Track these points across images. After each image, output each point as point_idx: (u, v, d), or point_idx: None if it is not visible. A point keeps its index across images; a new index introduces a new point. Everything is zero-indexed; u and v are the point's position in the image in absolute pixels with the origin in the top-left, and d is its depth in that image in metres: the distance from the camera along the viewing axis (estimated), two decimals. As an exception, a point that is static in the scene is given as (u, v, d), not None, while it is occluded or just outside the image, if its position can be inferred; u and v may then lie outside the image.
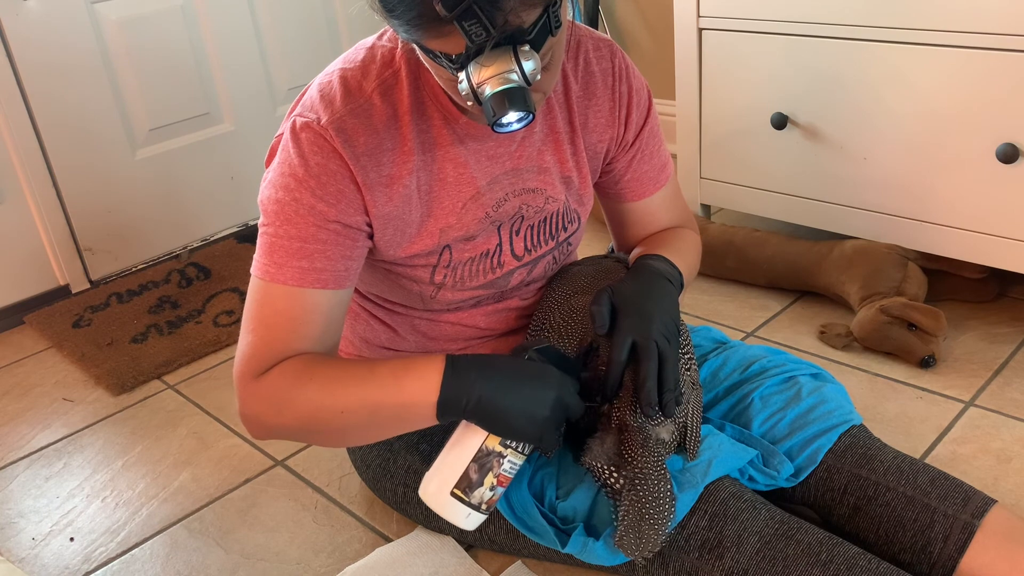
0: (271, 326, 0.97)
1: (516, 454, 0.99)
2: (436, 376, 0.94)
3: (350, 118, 0.97)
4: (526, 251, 1.11)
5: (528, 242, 1.11)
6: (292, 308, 0.97)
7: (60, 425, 1.62)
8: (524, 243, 1.11)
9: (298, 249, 0.97)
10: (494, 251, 1.09)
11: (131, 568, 1.26)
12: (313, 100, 0.99)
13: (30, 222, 2.00)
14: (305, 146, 0.96)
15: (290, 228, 0.97)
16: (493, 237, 1.08)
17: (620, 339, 1.01)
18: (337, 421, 0.96)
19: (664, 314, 1.03)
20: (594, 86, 1.10)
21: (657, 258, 1.11)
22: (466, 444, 0.99)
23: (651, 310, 1.03)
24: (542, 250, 1.13)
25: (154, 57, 2.11)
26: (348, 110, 0.97)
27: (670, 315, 1.04)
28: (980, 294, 1.65)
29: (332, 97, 0.98)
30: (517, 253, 1.11)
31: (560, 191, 1.12)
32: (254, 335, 0.98)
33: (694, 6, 1.78)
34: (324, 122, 0.96)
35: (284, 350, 0.97)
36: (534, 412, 0.94)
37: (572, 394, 0.97)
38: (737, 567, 0.95)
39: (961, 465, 1.27)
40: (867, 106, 1.60)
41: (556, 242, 1.14)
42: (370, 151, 0.97)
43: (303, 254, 0.97)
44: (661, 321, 1.02)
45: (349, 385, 0.95)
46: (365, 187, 0.98)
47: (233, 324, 1.87)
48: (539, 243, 1.12)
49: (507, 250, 1.10)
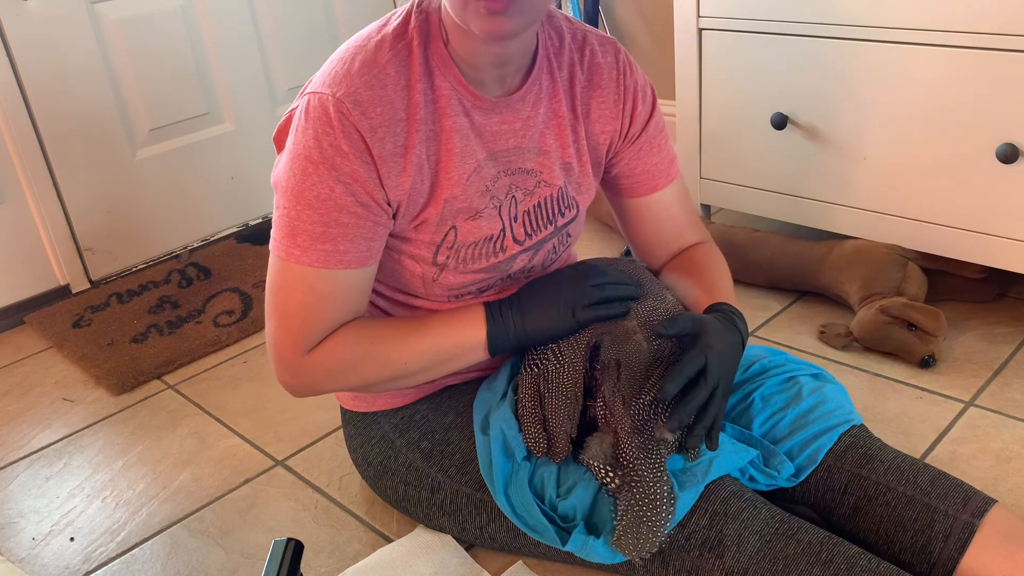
0: (305, 305, 1.02)
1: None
2: (480, 321, 1.07)
3: (365, 90, 0.98)
4: (527, 235, 1.12)
5: (527, 227, 1.12)
6: (323, 287, 1.02)
7: (60, 425, 1.62)
8: (524, 228, 1.12)
9: (321, 233, 1.00)
10: (498, 236, 1.10)
11: (131, 568, 1.26)
12: (328, 74, 1.00)
13: (30, 222, 2.00)
14: (321, 125, 0.97)
15: (311, 213, 0.99)
16: (496, 222, 1.09)
17: (696, 356, 1.00)
18: (402, 369, 1.07)
19: (732, 373, 1.05)
20: (599, 77, 1.12)
21: (741, 318, 1.10)
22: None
23: (731, 357, 1.04)
24: (542, 234, 1.14)
25: (154, 57, 2.11)
26: (363, 82, 0.98)
27: (733, 377, 1.06)
28: (980, 294, 1.65)
29: (348, 70, 0.99)
30: (518, 238, 1.12)
31: (557, 176, 1.12)
32: (292, 317, 1.03)
33: (694, 6, 1.78)
34: (340, 95, 0.97)
35: (325, 325, 1.04)
36: (554, 311, 1.06)
37: (586, 289, 1.07)
38: (737, 566, 0.95)
39: (961, 465, 1.27)
40: (867, 106, 1.60)
41: (555, 227, 1.15)
42: (386, 122, 0.99)
43: (327, 238, 1.00)
44: (731, 374, 1.04)
45: (408, 338, 1.06)
46: (380, 160, 0.99)
47: (233, 324, 1.87)
48: (538, 227, 1.13)
49: (509, 235, 1.11)
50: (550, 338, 1.08)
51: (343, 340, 1.05)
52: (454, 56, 1.02)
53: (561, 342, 1.08)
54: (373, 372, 1.07)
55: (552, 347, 1.08)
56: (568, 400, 1.06)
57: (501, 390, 1.13)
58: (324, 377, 1.07)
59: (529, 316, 1.07)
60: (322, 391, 1.10)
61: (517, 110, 1.07)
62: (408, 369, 1.08)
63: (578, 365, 1.06)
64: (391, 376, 1.09)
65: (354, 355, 1.06)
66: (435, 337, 1.07)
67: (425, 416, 1.18)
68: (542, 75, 1.08)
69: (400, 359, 1.07)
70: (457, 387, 1.20)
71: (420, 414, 1.18)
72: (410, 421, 1.19)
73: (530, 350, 1.10)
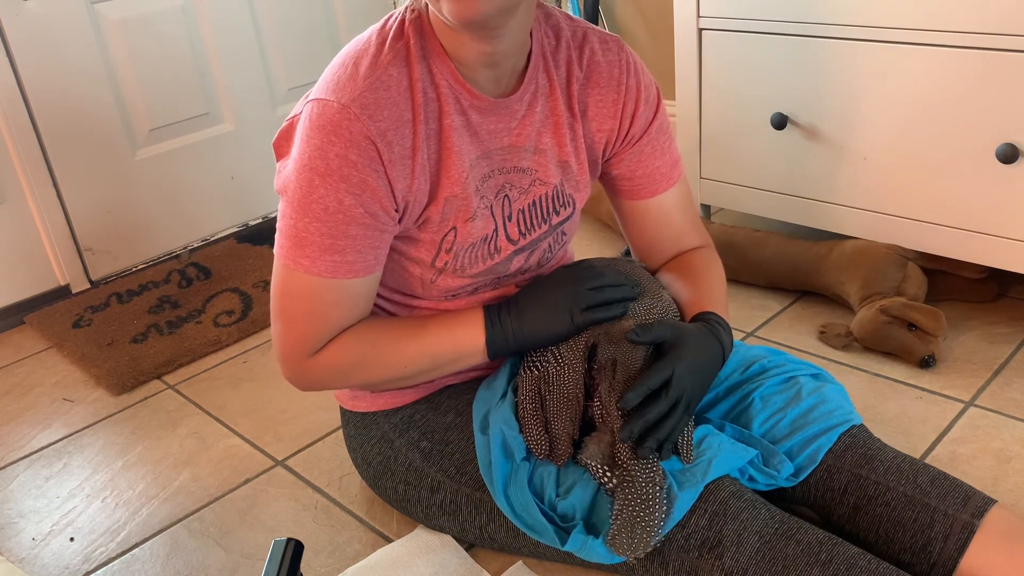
0: (311, 312, 1.04)
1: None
2: (479, 325, 1.08)
3: (371, 93, 0.97)
4: (520, 235, 1.12)
5: (521, 225, 1.12)
6: (330, 296, 1.03)
7: (60, 425, 1.62)
8: (518, 227, 1.12)
9: (329, 245, 1.00)
10: (491, 236, 1.10)
11: (131, 568, 1.26)
12: (331, 80, 0.99)
13: (30, 222, 2.00)
14: (326, 134, 0.97)
15: (319, 225, 0.99)
16: (490, 222, 1.09)
17: (663, 368, 1.01)
18: (402, 372, 1.09)
19: (705, 387, 1.06)
20: (598, 76, 1.11)
21: (726, 329, 1.11)
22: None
23: (704, 370, 1.05)
24: (537, 233, 1.14)
25: (154, 57, 2.11)
26: (367, 85, 0.97)
27: (706, 390, 1.07)
28: (980, 294, 1.65)
29: (351, 75, 0.98)
30: (512, 237, 1.12)
31: (552, 175, 1.12)
32: (297, 322, 1.05)
33: (694, 6, 1.78)
34: (346, 101, 0.96)
35: (331, 330, 1.06)
36: (552, 315, 1.07)
37: (583, 292, 1.08)
38: (737, 566, 0.95)
39: (961, 465, 1.27)
40: (867, 106, 1.60)
41: (549, 225, 1.15)
42: (394, 125, 0.98)
43: (335, 249, 1.00)
44: (702, 387, 1.05)
45: (409, 342, 1.08)
46: (390, 164, 0.99)
47: (233, 324, 1.87)
48: (532, 226, 1.13)
49: (502, 235, 1.10)
50: (549, 342, 1.08)
51: (345, 344, 1.07)
52: (448, 54, 1.01)
53: (560, 344, 1.08)
54: (375, 374, 1.09)
55: (552, 349, 1.08)
56: (569, 402, 1.06)
57: (501, 390, 1.13)
58: (327, 377, 1.09)
59: (528, 320, 1.07)
60: (327, 389, 1.13)
61: (514, 111, 1.07)
62: (408, 372, 1.10)
63: (578, 367, 1.06)
64: (392, 377, 1.10)
65: (356, 358, 1.07)
66: (434, 342, 1.08)
67: (425, 416, 1.18)
68: (538, 74, 1.08)
69: (400, 363, 1.08)
70: (456, 387, 1.20)
71: (420, 414, 1.19)
72: (410, 421, 1.19)
73: (529, 352, 1.10)
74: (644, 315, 1.09)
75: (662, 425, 1.00)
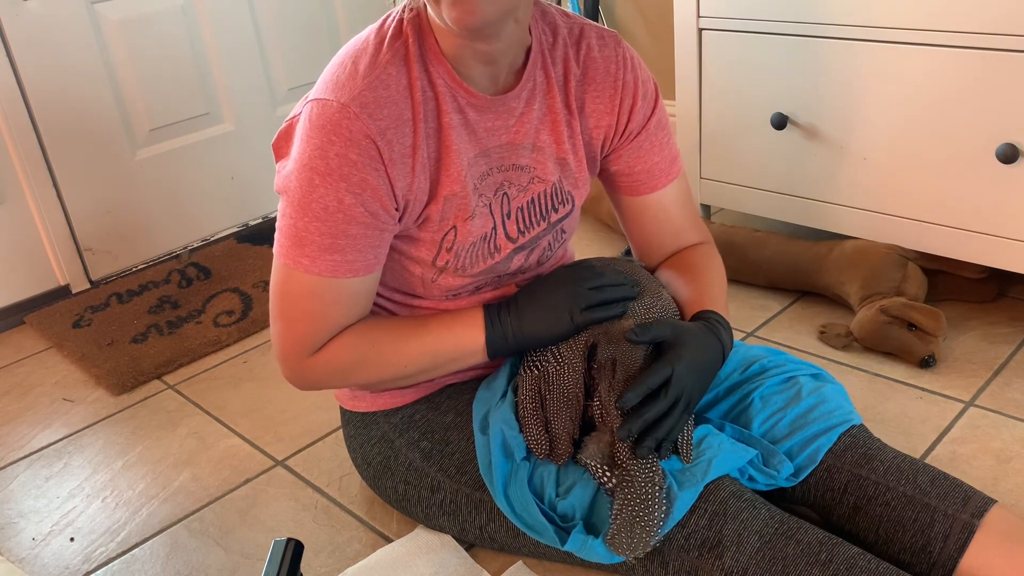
0: (311, 312, 1.04)
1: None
2: (479, 325, 1.08)
3: (370, 92, 0.97)
4: (519, 232, 1.12)
5: (520, 223, 1.12)
6: (329, 295, 1.03)
7: (60, 425, 1.62)
8: (517, 225, 1.12)
9: (329, 245, 1.00)
10: (490, 234, 1.10)
11: (131, 568, 1.26)
12: (330, 80, 0.99)
13: (30, 222, 2.00)
14: (326, 134, 0.97)
15: (319, 225, 0.99)
16: (488, 220, 1.09)
17: (663, 367, 1.01)
18: (402, 371, 1.10)
19: (704, 386, 1.06)
20: (595, 72, 1.11)
21: (726, 328, 1.10)
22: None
23: (704, 370, 1.05)
24: (536, 230, 1.14)
25: (154, 57, 2.11)
26: (367, 84, 0.98)
27: (706, 389, 1.07)
28: (980, 294, 1.65)
29: (350, 74, 0.98)
30: (511, 235, 1.11)
31: (551, 172, 1.12)
32: (297, 322, 1.05)
33: (694, 6, 1.78)
34: (346, 100, 0.96)
35: (330, 330, 1.06)
36: (552, 315, 1.06)
37: (583, 292, 1.07)
38: (737, 566, 0.95)
39: (961, 465, 1.27)
40: (867, 106, 1.60)
41: (548, 223, 1.15)
42: (394, 124, 0.98)
43: (335, 249, 1.00)
44: (701, 386, 1.05)
45: (409, 341, 1.08)
46: (391, 163, 0.99)
47: (233, 324, 1.87)
48: (531, 224, 1.13)
49: (501, 233, 1.10)
50: (549, 342, 1.08)
51: (345, 343, 1.07)
52: (445, 53, 1.02)
53: (560, 344, 1.08)
54: (375, 373, 1.09)
55: (552, 348, 1.08)
56: (569, 402, 1.06)
57: (501, 389, 1.13)
58: (327, 377, 1.09)
59: (527, 320, 1.07)
60: (326, 388, 1.13)
61: (512, 108, 1.07)
62: (408, 371, 1.10)
63: (578, 366, 1.06)
64: (392, 376, 1.10)
65: (356, 358, 1.07)
66: (434, 341, 1.09)
67: (425, 416, 1.18)
68: (536, 72, 1.08)
69: (400, 362, 1.08)
70: (456, 387, 1.20)
71: (420, 414, 1.19)
72: (410, 421, 1.19)
73: (529, 351, 1.10)
74: (644, 314, 1.08)
75: (661, 424, 1.00)
